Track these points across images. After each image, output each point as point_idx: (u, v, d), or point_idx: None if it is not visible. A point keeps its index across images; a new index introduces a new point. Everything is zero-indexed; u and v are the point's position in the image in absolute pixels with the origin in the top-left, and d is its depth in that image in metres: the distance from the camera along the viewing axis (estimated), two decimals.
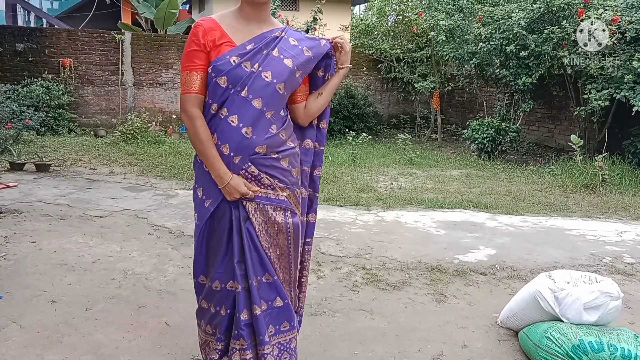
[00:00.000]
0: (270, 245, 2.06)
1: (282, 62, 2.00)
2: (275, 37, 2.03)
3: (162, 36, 12.30)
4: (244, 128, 1.96)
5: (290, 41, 2.06)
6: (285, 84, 2.01)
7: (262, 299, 2.06)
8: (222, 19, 2.01)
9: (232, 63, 1.93)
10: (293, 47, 2.05)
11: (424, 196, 6.29)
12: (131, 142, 9.21)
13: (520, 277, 3.86)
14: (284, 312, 2.12)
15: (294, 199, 2.12)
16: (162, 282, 3.55)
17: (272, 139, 2.02)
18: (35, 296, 3.24)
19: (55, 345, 2.70)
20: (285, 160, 2.07)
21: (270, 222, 2.04)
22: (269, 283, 2.07)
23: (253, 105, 1.96)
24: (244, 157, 1.98)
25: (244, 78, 1.94)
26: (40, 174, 6.82)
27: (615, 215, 5.82)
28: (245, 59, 1.95)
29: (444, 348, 2.84)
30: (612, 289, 2.70)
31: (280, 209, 2.06)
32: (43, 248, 4.09)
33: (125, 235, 4.49)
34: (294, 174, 2.11)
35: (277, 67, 1.99)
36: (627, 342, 2.48)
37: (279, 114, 2.06)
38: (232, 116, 1.95)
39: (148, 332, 2.87)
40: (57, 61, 11.07)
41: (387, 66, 12.67)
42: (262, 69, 1.96)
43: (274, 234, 2.06)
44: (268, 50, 1.99)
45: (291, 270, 2.15)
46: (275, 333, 2.12)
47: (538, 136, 10.83)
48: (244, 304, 2.04)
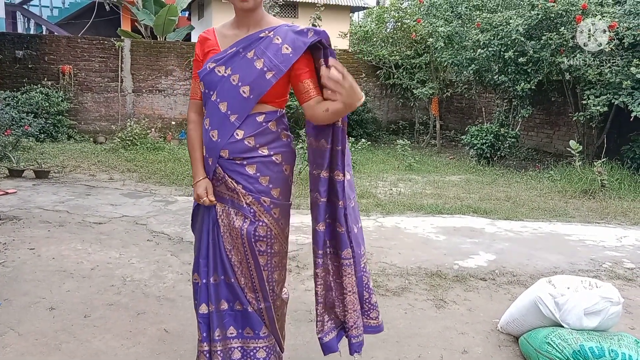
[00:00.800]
0: (232, 248, 2.07)
1: (252, 64, 1.97)
2: (260, 38, 1.99)
3: (161, 43, 12.34)
4: (211, 131, 2.05)
5: (274, 40, 1.98)
6: (251, 87, 1.96)
7: (222, 298, 2.10)
8: (220, 28, 2.11)
9: (207, 69, 2.03)
10: (273, 45, 1.97)
11: (423, 202, 6.29)
12: (130, 148, 9.22)
13: (520, 283, 3.85)
14: (245, 318, 2.10)
15: (258, 207, 2.04)
16: (161, 289, 3.54)
17: (234, 145, 2.01)
18: (33, 303, 3.23)
19: (54, 353, 2.68)
20: (251, 167, 2.03)
21: (231, 226, 2.06)
22: (229, 284, 2.09)
23: (219, 108, 2.02)
24: (214, 159, 2.06)
25: (216, 82, 2.01)
26: (39, 181, 6.81)
27: (615, 220, 5.81)
28: (219, 64, 2.00)
29: (444, 354, 2.83)
30: (613, 294, 2.69)
31: (241, 215, 2.05)
32: (42, 255, 4.08)
33: (124, 242, 4.48)
34: (262, 182, 2.04)
35: (246, 70, 1.97)
36: (627, 348, 2.47)
37: (252, 119, 2.01)
38: (206, 119, 2.08)
39: (147, 339, 2.86)
40: (57, 68, 11.09)
41: (386, 72, 12.70)
42: (231, 73, 1.99)
43: (235, 237, 2.06)
44: (245, 52, 1.99)
45: (253, 278, 2.08)
46: (237, 336, 2.12)
47: (537, 142, 10.85)
48: (203, 297, 2.11)
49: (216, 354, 2.06)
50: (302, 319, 3.08)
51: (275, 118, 2.07)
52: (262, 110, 2.03)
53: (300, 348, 2.80)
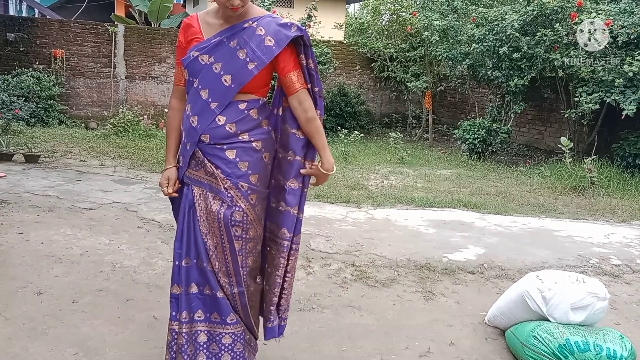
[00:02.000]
0: (208, 232, 2.08)
1: (234, 54, 2.01)
2: (243, 28, 2.01)
3: (155, 29, 12.23)
4: (192, 117, 2.08)
5: (257, 31, 2.01)
6: (233, 76, 2.00)
7: (192, 281, 2.11)
8: (204, 15, 2.11)
9: (191, 57, 2.05)
10: (256, 37, 2.00)
11: (414, 195, 6.31)
12: (122, 135, 9.15)
13: (509, 277, 3.88)
14: (214, 303, 2.11)
15: (236, 191, 2.06)
16: (151, 276, 3.53)
17: (216, 130, 2.05)
18: (21, 288, 3.21)
19: (41, 338, 2.67)
20: (231, 152, 2.06)
21: (208, 209, 2.07)
22: (200, 268, 2.11)
23: (200, 95, 2.05)
24: (192, 144, 2.09)
25: (199, 70, 2.04)
26: (29, 165, 6.76)
27: (603, 217, 5.87)
28: (203, 53, 2.02)
29: (432, 345, 2.85)
30: (599, 290, 2.72)
31: (218, 199, 2.07)
32: (30, 239, 4.05)
33: (114, 228, 4.46)
34: (241, 167, 2.07)
35: (229, 59, 2.00)
36: (612, 342, 2.50)
37: (234, 107, 2.05)
38: (188, 105, 2.11)
39: (135, 326, 2.86)
40: (49, 52, 10.96)
41: (381, 65, 12.68)
42: (214, 61, 2.02)
43: (211, 221, 2.07)
44: (229, 41, 2.01)
45: (227, 263, 2.09)
46: (205, 320, 2.13)
47: (528, 138, 10.90)
48: (176, 278, 2.14)
49: (181, 335, 2.09)
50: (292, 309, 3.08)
51: (257, 106, 2.11)
52: (244, 99, 2.07)
53: (289, 337, 2.81)
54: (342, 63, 12.69)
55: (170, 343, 2.14)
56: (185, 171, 2.15)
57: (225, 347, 2.11)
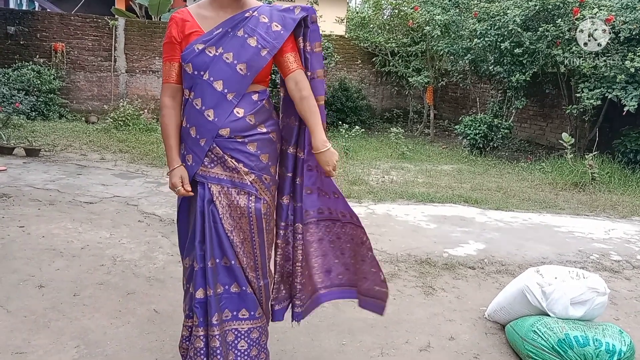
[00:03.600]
0: (234, 228, 2.05)
1: (245, 42, 1.99)
2: (245, 18, 2.01)
3: (156, 23, 12.19)
4: (206, 111, 2.01)
5: (260, 19, 2.01)
6: (247, 64, 1.98)
7: (219, 282, 2.07)
8: (197, 9, 2.07)
9: (196, 50, 2.00)
10: (262, 24, 2.01)
11: (415, 190, 6.31)
12: (123, 129, 9.14)
13: (509, 272, 3.89)
14: (242, 299, 2.10)
15: (260, 184, 2.08)
16: (152, 269, 3.54)
17: (236, 123, 2.02)
18: (22, 281, 3.22)
19: (42, 330, 2.68)
20: (252, 144, 2.06)
21: (234, 205, 2.05)
22: (227, 267, 2.07)
23: (214, 87, 1.99)
24: (208, 139, 2.03)
25: (207, 63, 1.99)
26: (29, 159, 6.76)
27: (604, 213, 5.87)
28: (209, 45, 1.99)
29: (432, 340, 2.86)
30: (599, 285, 2.73)
31: (244, 193, 2.05)
32: (31, 233, 4.06)
33: (114, 222, 4.46)
34: (262, 159, 2.08)
35: (239, 48, 1.98)
36: (612, 337, 2.51)
37: (248, 98, 2.04)
38: (197, 99, 2.03)
39: (136, 319, 2.87)
40: (49, 45, 10.93)
41: (382, 60, 12.64)
42: (223, 51, 1.98)
43: (237, 217, 2.05)
44: (234, 31, 1.99)
45: (256, 257, 2.10)
46: (232, 319, 2.10)
47: (530, 133, 10.88)
48: (199, 282, 2.07)
49: (214, 338, 2.04)
50: None
51: (267, 97, 2.13)
52: (256, 90, 2.08)
53: (289, 331, 2.82)
54: (343, 57, 12.65)
55: (202, 349, 2.06)
56: (197, 169, 2.06)
57: (253, 342, 2.13)
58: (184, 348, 2.19)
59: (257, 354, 2.13)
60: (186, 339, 2.17)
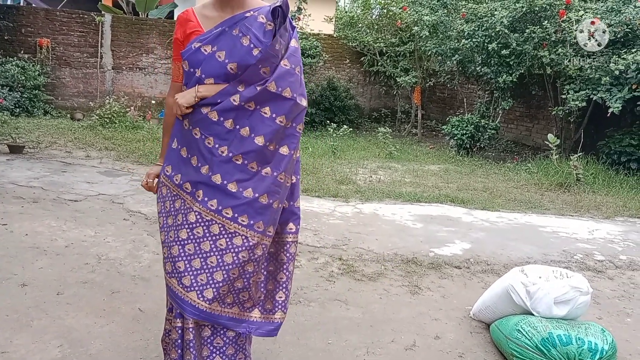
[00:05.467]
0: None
1: (237, 41, 1.96)
2: (245, 17, 1.99)
3: (143, 20, 12.09)
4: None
5: (259, 18, 1.99)
6: (238, 64, 1.95)
7: None
8: (201, 9, 2.08)
9: (193, 48, 2.00)
10: (258, 23, 1.98)
11: (402, 190, 6.33)
12: (109, 126, 9.05)
13: (494, 272, 3.92)
14: None
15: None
16: (137, 268, 3.51)
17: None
18: (5, 279, 3.18)
19: (25, 329, 2.65)
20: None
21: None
22: None
23: (205, 84, 1.99)
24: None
25: (201, 60, 1.99)
26: (13, 156, 6.66)
27: (588, 213, 5.94)
28: (205, 43, 1.99)
29: (417, 339, 2.87)
30: (582, 284, 2.76)
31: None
32: (14, 231, 4.00)
33: (100, 220, 4.42)
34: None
35: (231, 47, 1.97)
36: (594, 336, 2.54)
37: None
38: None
39: (121, 318, 2.84)
40: (34, 41, 10.78)
41: (370, 59, 12.66)
42: (217, 49, 1.97)
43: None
44: (230, 30, 1.98)
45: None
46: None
47: (516, 134, 10.98)
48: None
49: (188, 330, 2.04)
50: None
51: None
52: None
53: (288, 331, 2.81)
54: (331, 57, 12.66)
55: (176, 341, 2.07)
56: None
57: (230, 340, 2.11)
58: (165, 342, 2.17)
59: (234, 353, 2.12)
60: (168, 333, 2.16)
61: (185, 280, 1.98)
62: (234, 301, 2.06)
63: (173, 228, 2.03)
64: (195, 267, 1.98)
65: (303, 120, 2.07)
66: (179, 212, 2.02)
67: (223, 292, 2.00)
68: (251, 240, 1.98)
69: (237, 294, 2.06)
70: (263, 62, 1.92)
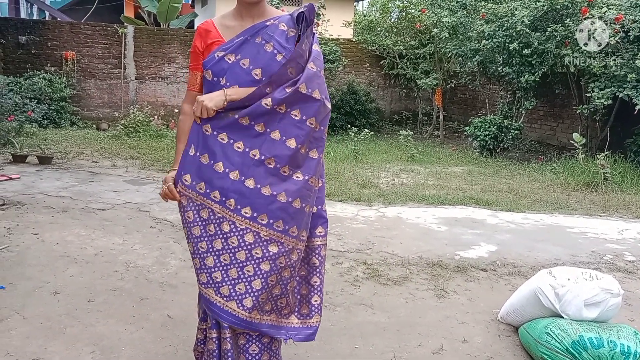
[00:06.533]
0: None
1: (261, 48, 1.99)
2: (266, 26, 2.02)
3: (164, 30, 12.29)
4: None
5: (280, 26, 2.02)
6: (263, 70, 1.97)
7: None
8: (220, 20, 2.11)
9: (216, 58, 2.01)
10: (280, 31, 2.01)
11: (425, 192, 6.29)
12: (133, 135, 9.22)
13: (521, 274, 3.87)
14: None
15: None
16: (164, 275, 3.57)
17: None
18: (37, 287, 3.26)
19: (58, 336, 2.71)
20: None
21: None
22: None
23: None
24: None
25: (225, 69, 1.99)
26: (42, 167, 6.83)
27: (617, 213, 5.82)
28: (228, 52, 2.00)
29: (444, 343, 2.85)
30: (613, 286, 2.71)
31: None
32: (45, 240, 4.10)
33: (127, 228, 4.50)
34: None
35: (256, 54, 1.98)
36: (626, 339, 2.49)
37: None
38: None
39: (150, 324, 2.89)
40: (60, 54, 11.06)
41: (390, 62, 12.63)
42: (241, 57, 1.99)
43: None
44: (253, 39, 2.00)
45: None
46: None
47: (540, 134, 10.82)
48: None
49: (225, 340, 2.05)
50: None
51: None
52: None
53: None
54: (351, 61, 12.67)
55: (214, 351, 2.08)
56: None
57: (265, 346, 2.13)
58: (198, 351, 2.21)
59: (269, 358, 2.14)
60: (201, 342, 2.19)
61: (224, 290, 1.99)
62: (272, 308, 2.08)
63: (204, 239, 2.02)
64: (232, 277, 1.99)
65: (327, 124, 2.08)
66: (209, 222, 2.00)
67: (262, 300, 2.01)
68: (287, 246, 1.99)
69: (275, 301, 2.07)
70: (290, 62, 1.93)
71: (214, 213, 2.00)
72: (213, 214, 2.00)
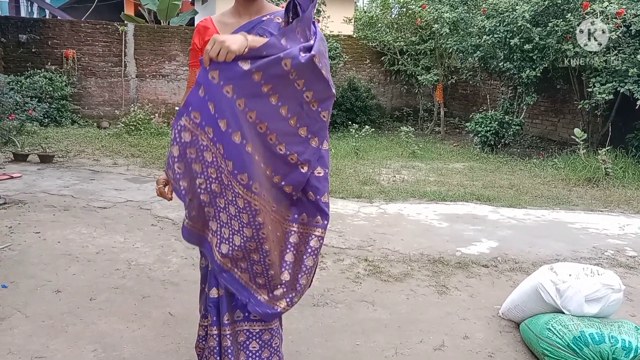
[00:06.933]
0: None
1: None
2: (262, 21, 2.02)
3: (165, 28, 12.28)
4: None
5: (275, 20, 2.00)
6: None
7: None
8: (219, 17, 2.12)
9: None
10: (275, 24, 1.98)
11: (426, 189, 6.29)
12: (134, 133, 9.23)
13: (522, 270, 3.87)
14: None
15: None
16: (166, 273, 3.57)
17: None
18: (39, 286, 3.27)
19: (60, 335, 2.72)
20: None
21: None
22: None
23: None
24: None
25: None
26: (43, 165, 6.84)
27: (618, 208, 5.81)
28: None
29: (446, 339, 2.85)
30: (614, 281, 2.71)
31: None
32: (47, 238, 4.11)
33: (128, 226, 4.51)
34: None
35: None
36: (627, 334, 2.49)
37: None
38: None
39: (151, 322, 2.90)
40: (60, 52, 11.06)
41: (391, 59, 12.62)
42: None
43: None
44: (249, 34, 1.94)
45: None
46: (244, 319, 2.10)
47: (541, 129, 10.80)
48: (213, 282, 2.07)
49: (225, 337, 2.07)
50: (305, 304, 3.11)
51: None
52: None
53: (304, 332, 2.84)
54: (351, 57, 12.65)
55: (215, 348, 2.09)
56: None
57: (265, 343, 2.13)
58: (200, 348, 2.21)
59: (269, 356, 2.14)
60: (202, 339, 2.20)
61: (213, 224, 1.98)
62: (247, 269, 2.01)
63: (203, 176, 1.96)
64: (223, 220, 1.96)
65: (330, 109, 2.01)
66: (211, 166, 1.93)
67: (237, 255, 1.97)
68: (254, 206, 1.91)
69: (251, 265, 2.00)
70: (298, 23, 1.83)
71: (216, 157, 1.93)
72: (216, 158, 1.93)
